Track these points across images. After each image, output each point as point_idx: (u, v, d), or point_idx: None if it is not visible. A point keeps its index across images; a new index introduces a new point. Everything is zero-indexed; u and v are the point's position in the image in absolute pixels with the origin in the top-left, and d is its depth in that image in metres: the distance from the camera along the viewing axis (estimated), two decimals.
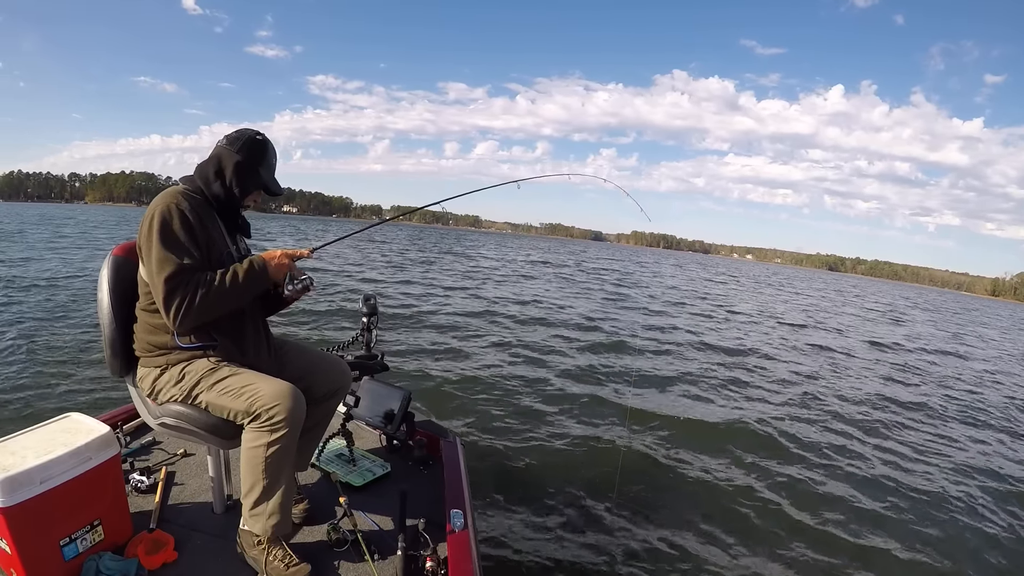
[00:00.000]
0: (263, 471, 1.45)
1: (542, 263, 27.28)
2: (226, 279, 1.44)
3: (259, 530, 1.50)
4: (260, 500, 1.48)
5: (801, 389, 6.57)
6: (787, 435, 4.74)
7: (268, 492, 1.47)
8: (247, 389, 1.46)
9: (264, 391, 1.45)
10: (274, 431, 1.43)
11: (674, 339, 8.93)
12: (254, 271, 1.49)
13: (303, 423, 1.50)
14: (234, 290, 1.45)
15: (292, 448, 1.49)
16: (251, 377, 1.49)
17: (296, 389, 1.48)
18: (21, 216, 35.74)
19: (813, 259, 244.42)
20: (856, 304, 25.08)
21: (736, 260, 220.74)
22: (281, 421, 1.42)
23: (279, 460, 1.46)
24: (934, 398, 7.08)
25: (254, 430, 1.45)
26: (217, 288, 1.42)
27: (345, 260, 17.43)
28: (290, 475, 1.51)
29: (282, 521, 1.50)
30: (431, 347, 6.51)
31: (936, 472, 4.39)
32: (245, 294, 1.49)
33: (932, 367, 9.73)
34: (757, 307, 16.97)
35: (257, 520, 1.50)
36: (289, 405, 1.43)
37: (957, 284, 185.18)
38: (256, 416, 1.44)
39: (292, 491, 1.54)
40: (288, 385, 1.47)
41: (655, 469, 3.77)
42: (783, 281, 42.00)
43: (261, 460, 1.45)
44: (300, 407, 1.47)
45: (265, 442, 1.44)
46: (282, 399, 1.43)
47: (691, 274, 35.80)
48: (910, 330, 16.12)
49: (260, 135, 1.61)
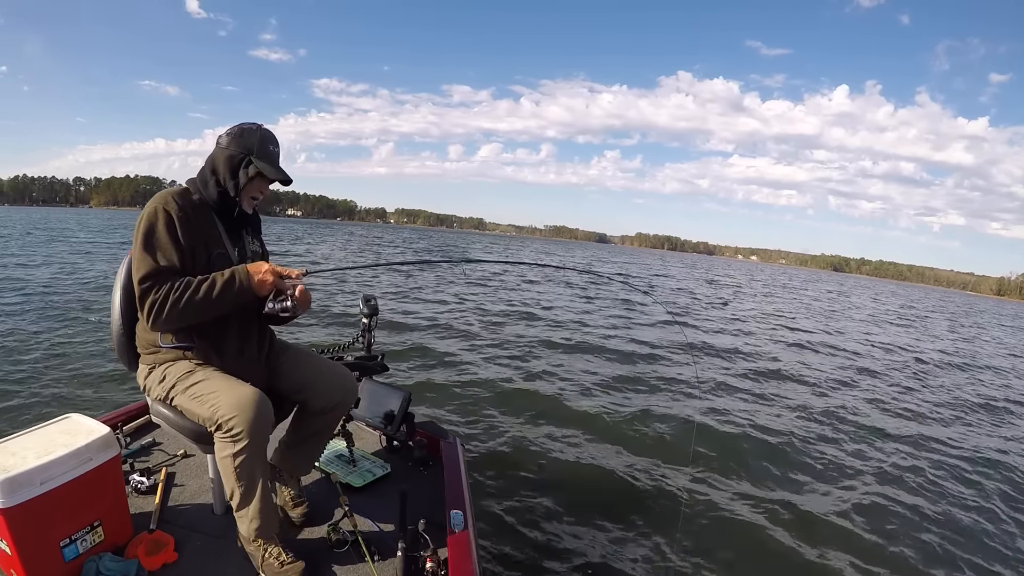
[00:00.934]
0: (235, 479, 1.44)
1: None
2: (202, 286, 1.42)
3: (244, 532, 1.51)
4: (240, 505, 1.48)
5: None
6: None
7: (246, 498, 1.46)
8: (211, 396, 1.44)
9: (224, 400, 1.41)
10: (236, 442, 1.40)
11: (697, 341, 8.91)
12: (233, 282, 1.45)
13: (271, 429, 1.47)
14: (208, 298, 1.42)
15: (260, 455, 1.45)
16: (218, 383, 1.47)
17: (261, 398, 1.44)
18: (25, 220, 35.76)
19: (818, 260, 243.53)
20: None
21: (741, 261, 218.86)
22: (240, 432, 1.39)
23: (248, 468, 1.43)
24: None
25: (219, 440, 1.44)
26: (191, 294, 1.41)
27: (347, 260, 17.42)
28: (266, 480, 1.49)
29: (263, 524, 1.49)
30: (431, 348, 6.51)
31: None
32: (222, 303, 1.45)
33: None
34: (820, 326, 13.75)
35: (241, 522, 1.50)
36: (249, 416, 1.39)
37: (962, 284, 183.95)
38: (218, 426, 1.42)
39: (269, 495, 1.51)
40: (251, 393, 1.43)
41: (655, 469, 3.76)
42: (805, 285, 38.66)
43: (231, 469, 1.43)
44: (261, 417, 1.41)
45: (230, 453, 1.42)
46: (240, 410, 1.39)
47: (716, 277, 32.86)
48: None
49: (254, 125, 1.58)
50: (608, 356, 7.12)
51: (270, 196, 1.68)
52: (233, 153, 1.54)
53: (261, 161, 1.55)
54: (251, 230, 1.71)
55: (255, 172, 1.54)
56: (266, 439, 1.47)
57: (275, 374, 1.68)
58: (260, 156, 1.55)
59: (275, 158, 1.59)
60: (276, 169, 1.58)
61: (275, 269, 1.51)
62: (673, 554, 2.81)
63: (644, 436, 4.33)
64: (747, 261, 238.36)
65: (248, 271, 1.48)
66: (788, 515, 3.32)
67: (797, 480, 3.89)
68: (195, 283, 1.42)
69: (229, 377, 1.50)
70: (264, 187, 1.60)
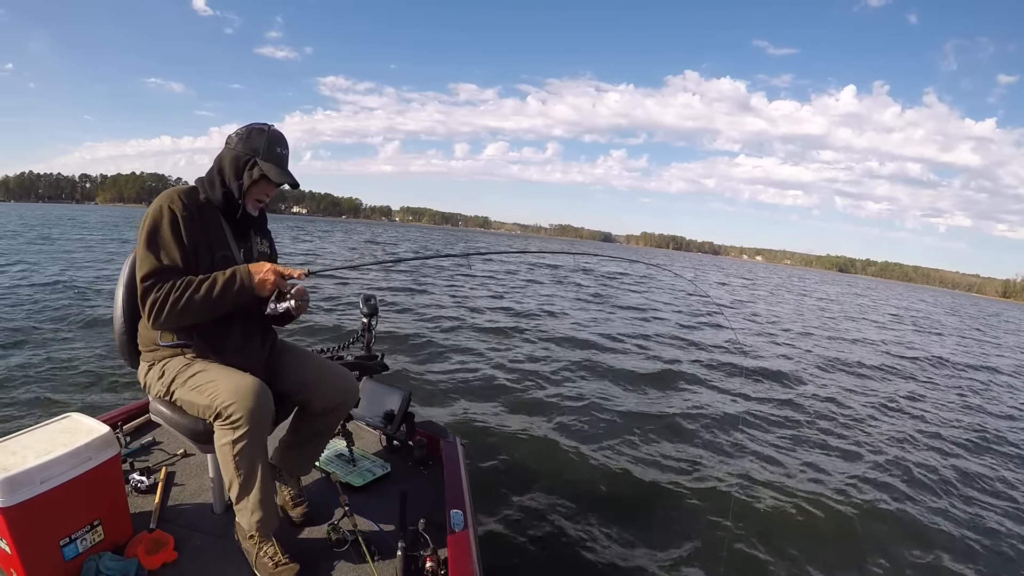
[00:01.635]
0: (234, 469, 1.44)
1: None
2: (203, 285, 1.42)
3: (245, 525, 1.50)
4: (240, 496, 1.48)
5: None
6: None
7: (245, 488, 1.47)
8: (210, 385, 1.45)
9: (224, 388, 1.42)
10: (235, 429, 1.41)
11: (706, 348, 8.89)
12: (234, 282, 1.45)
13: (271, 419, 1.48)
14: (209, 297, 1.42)
15: (260, 444, 1.46)
16: (217, 373, 1.47)
17: (261, 386, 1.44)
18: (29, 217, 35.80)
19: (823, 260, 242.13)
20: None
21: (746, 261, 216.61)
22: (240, 419, 1.39)
23: (248, 457, 1.44)
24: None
25: (219, 428, 1.44)
26: (192, 293, 1.41)
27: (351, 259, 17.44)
28: (266, 470, 1.49)
29: (265, 517, 1.49)
30: (431, 347, 6.51)
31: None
32: (223, 302, 1.45)
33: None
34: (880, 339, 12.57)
35: (242, 515, 1.50)
36: (249, 404, 1.39)
37: (968, 286, 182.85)
38: (218, 414, 1.42)
39: (271, 486, 1.52)
40: (251, 382, 1.44)
41: (656, 470, 3.75)
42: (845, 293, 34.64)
43: (230, 458, 1.43)
44: (262, 405, 1.42)
45: (229, 440, 1.42)
46: (240, 397, 1.39)
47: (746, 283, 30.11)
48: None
49: (264, 126, 1.56)
50: (609, 356, 7.12)
51: (276, 193, 1.66)
52: (239, 154, 1.53)
53: (267, 163, 1.52)
54: (260, 230, 1.71)
55: (259, 174, 1.52)
56: (266, 428, 1.47)
57: (276, 374, 1.67)
58: (266, 158, 1.53)
59: (282, 160, 1.57)
60: (282, 172, 1.55)
61: (277, 269, 1.49)
62: (673, 555, 2.81)
63: (645, 437, 4.33)
64: (752, 261, 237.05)
65: (250, 271, 1.47)
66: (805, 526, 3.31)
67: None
68: (196, 282, 1.43)
69: (229, 368, 1.51)
70: (270, 190, 1.58)
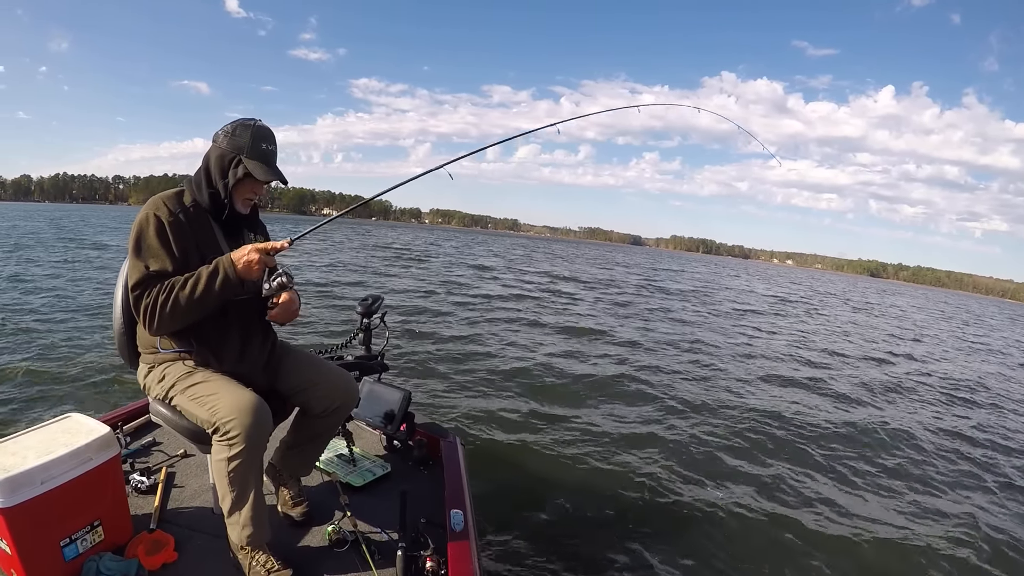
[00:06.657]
0: (228, 484, 1.42)
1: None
2: (188, 283, 1.39)
3: (235, 538, 1.49)
4: (232, 511, 1.46)
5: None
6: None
7: (238, 503, 1.45)
8: (211, 399, 1.43)
9: (223, 404, 1.40)
10: (232, 446, 1.39)
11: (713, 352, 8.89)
12: (217, 273, 1.40)
13: (268, 436, 1.45)
14: (195, 293, 1.38)
15: (255, 462, 1.44)
16: (218, 386, 1.45)
17: (260, 403, 1.42)
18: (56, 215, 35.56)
19: (854, 264, 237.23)
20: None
21: (776, 265, 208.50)
22: (236, 437, 1.37)
23: (242, 474, 1.42)
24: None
25: (216, 443, 1.43)
26: (178, 292, 1.38)
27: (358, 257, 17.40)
28: (259, 487, 1.47)
29: (255, 532, 1.47)
30: (431, 347, 6.51)
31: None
32: (210, 296, 1.40)
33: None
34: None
35: (233, 529, 1.48)
36: (247, 421, 1.37)
37: (1001, 291, 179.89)
38: (216, 429, 1.41)
39: (263, 501, 1.50)
40: (251, 398, 1.41)
41: (656, 472, 3.75)
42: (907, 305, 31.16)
43: (225, 474, 1.42)
44: (260, 423, 1.40)
45: (225, 456, 1.40)
46: (239, 414, 1.38)
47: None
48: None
49: (250, 121, 1.50)
50: (610, 357, 7.12)
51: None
52: (224, 152, 1.48)
53: (252, 161, 1.47)
54: (254, 228, 1.66)
55: (244, 172, 1.47)
56: (263, 446, 1.46)
57: (277, 376, 1.67)
58: (252, 155, 1.47)
59: (269, 157, 1.50)
60: (268, 170, 1.49)
61: (257, 247, 1.42)
62: (672, 556, 2.81)
63: (646, 438, 4.33)
64: (782, 265, 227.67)
65: (232, 258, 1.41)
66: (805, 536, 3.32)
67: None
68: (181, 281, 1.40)
69: (229, 380, 1.49)
70: (258, 187, 1.54)
